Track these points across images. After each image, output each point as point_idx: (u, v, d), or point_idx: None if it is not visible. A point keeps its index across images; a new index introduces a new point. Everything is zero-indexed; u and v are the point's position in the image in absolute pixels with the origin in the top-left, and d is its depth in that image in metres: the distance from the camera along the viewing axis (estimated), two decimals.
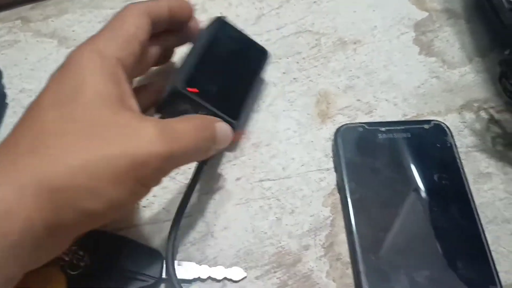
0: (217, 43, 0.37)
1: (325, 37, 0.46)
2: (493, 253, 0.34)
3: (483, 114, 0.42)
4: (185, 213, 0.33)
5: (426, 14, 0.49)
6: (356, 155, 0.38)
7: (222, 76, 0.37)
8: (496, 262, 0.34)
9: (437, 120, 0.40)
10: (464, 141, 0.40)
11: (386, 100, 0.42)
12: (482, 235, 0.34)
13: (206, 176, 0.37)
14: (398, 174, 0.37)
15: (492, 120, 0.41)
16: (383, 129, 0.39)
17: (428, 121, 0.40)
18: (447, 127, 0.39)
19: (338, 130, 0.39)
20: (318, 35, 0.46)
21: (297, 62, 0.44)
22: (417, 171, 0.37)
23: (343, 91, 0.43)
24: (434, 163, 0.37)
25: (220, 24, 0.38)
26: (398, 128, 0.39)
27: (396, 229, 0.34)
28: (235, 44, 0.38)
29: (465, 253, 0.33)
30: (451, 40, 0.47)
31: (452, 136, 0.39)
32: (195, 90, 0.34)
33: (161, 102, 0.35)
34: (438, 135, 0.39)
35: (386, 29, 0.47)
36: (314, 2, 0.49)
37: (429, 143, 0.38)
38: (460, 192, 0.36)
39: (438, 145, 0.38)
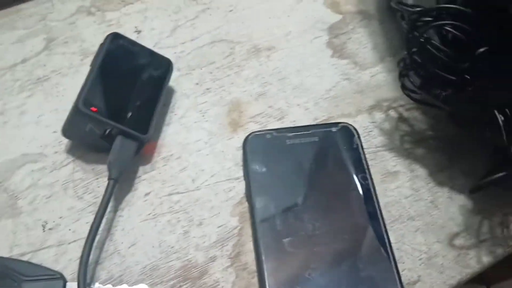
0: (113, 59, 0.37)
1: (240, 45, 0.47)
2: (397, 251, 0.35)
3: (392, 113, 0.42)
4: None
5: (340, 17, 0.49)
6: (264, 163, 0.38)
7: (123, 91, 0.37)
8: (400, 260, 0.35)
9: (344, 123, 0.40)
10: (373, 141, 0.41)
11: (298, 105, 0.43)
12: (385, 236, 0.35)
13: (115, 193, 0.37)
14: (304, 179, 0.37)
15: (401, 118, 0.42)
16: (290, 134, 0.39)
17: (335, 124, 0.40)
18: (354, 129, 0.40)
19: (246, 138, 0.39)
20: (232, 43, 0.47)
21: (211, 72, 0.45)
22: (324, 174, 0.37)
23: (256, 98, 0.43)
24: (340, 165, 0.38)
25: (115, 40, 0.38)
26: (306, 132, 0.39)
27: (300, 235, 0.34)
28: (133, 57, 0.38)
29: (368, 255, 0.34)
30: (364, 41, 0.47)
31: (359, 137, 0.39)
32: (95, 109, 0.34)
33: (65, 125, 0.35)
34: (345, 137, 0.39)
35: (300, 34, 0.48)
36: (230, 11, 0.49)
37: (336, 146, 0.39)
38: (365, 193, 0.36)
39: (345, 147, 0.39)
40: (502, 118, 0.32)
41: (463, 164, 0.39)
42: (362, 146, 0.39)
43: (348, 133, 0.40)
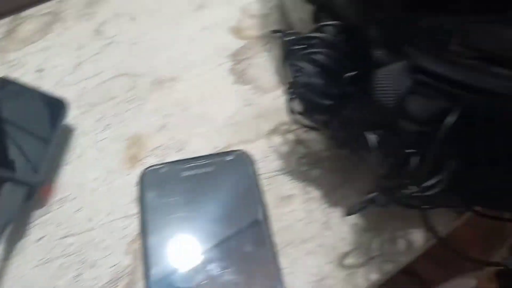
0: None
1: (143, 78, 0.47)
2: (290, 276, 0.35)
3: (290, 136, 0.43)
4: None
5: (243, 42, 0.50)
6: (159, 197, 0.38)
7: (9, 137, 0.37)
8: (291, 285, 0.35)
9: (239, 150, 0.40)
10: (270, 166, 0.41)
11: (199, 134, 0.43)
12: (274, 263, 0.35)
13: (7, 241, 0.36)
14: (198, 211, 0.37)
15: (298, 140, 0.42)
16: (185, 166, 0.40)
17: (231, 152, 0.41)
18: (250, 156, 0.40)
19: (142, 173, 0.39)
20: (135, 77, 0.47)
21: (112, 108, 0.45)
22: (218, 204, 0.38)
23: (157, 131, 0.43)
24: (234, 194, 0.38)
25: (2, 84, 0.37)
26: (201, 163, 0.40)
27: (190, 271, 0.34)
28: (21, 100, 0.38)
29: (259, 284, 0.34)
30: (266, 65, 0.48)
31: (253, 164, 0.40)
32: None
33: None
34: (240, 165, 0.40)
35: (203, 62, 0.48)
36: (134, 43, 0.50)
37: (231, 174, 0.39)
38: (256, 221, 0.37)
39: (239, 175, 0.39)
40: (375, 139, 0.32)
41: (357, 182, 0.40)
42: (256, 173, 0.39)
43: (243, 160, 0.40)
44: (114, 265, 0.36)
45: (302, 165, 0.41)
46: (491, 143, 0.30)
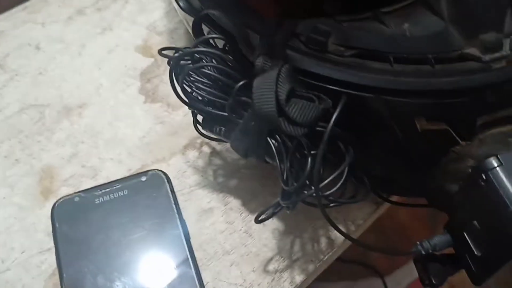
0: None
1: (50, 108, 0.46)
2: None
3: (205, 149, 0.43)
4: None
5: (152, 60, 0.50)
6: (73, 228, 0.37)
7: None
8: None
9: (154, 170, 0.40)
10: (187, 182, 0.41)
11: (111, 158, 0.42)
12: (197, 282, 0.35)
13: None
14: (115, 236, 0.37)
15: (213, 153, 0.42)
16: (99, 192, 0.39)
17: (145, 173, 0.40)
18: (164, 174, 0.40)
19: (53, 206, 0.38)
20: (42, 107, 0.46)
21: (20, 142, 0.43)
22: (135, 227, 0.37)
23: (68, 160, 0.42)
24: (151, 215, 0.38)
25: None
26: (114, 187, 0.39)
27: None
28: None
29: None
30: None
31: (169, 182, 0.40)
32: None
33: None
34: (155, 184, 0.40)
35: (112, 85, 0.48)
36: (39, 73, 0.49)
37: (146, 195, 0.39)
38: (175, 240, 0.36)
39: (155, 195, 0.39)
40: (276, 144, 0.33)
41: (275, 188, 0.40)
42: (173, 190, 0.39)
43: (157, 179, 0.40)
44: None
45: (219, 177, 0.41)
46: (378, 135, 0.31)
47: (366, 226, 0.40)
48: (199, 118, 0.37)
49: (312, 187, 0.30)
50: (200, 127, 0.37)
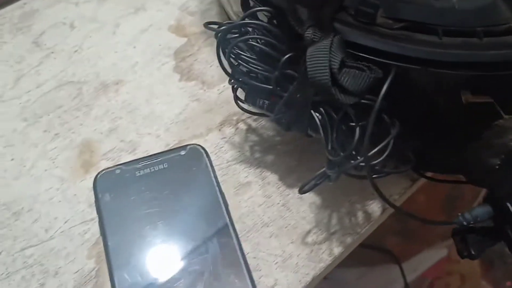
0: None
1: (87, 85, 0.46)
2: (254, 260, 0.36)
3: (241, 125, 0.44)
4: None
5: (185, 39, 0.50)
6: (116, 199, 0.38)
7: None
8: (257, 268, 0.36)
9: (192, 144, 0.41)
10: (224, 157, 0.42)
11: (149, 134, 0.43)
12: (238, 249, 0.36)
13: None
14: (157, 208, 0.38)
15: (249, 129, 0.43)
16: (140, 165, 0.40)
17: (184, 147, 0.41)
18: (203, 148, 0.41)
19: (95, 178, 0.39)
20: (79, 84, 0.47)
21: (59, 117, 0.44)
22: (176, 199, 0.38)
23: (106, 135, 0.43)
24: (191, 187, 0.39)
25: None
26: (155, 161, 0.40)
27: (155, 267, 0.35)
28: None
29: (224, 272, 0.35)
30: (209, 59, 0.49)
31: (207, 156, 0.40)
32: None
33: None
34: (194, 158, 0.40)
35: (147, 63, 0.48)
36: (75, 51, 0.49)
37: (186, 169, 0.40)
38: (216, 211, 0.37)
39: (195, 168, 0.40)
40: (320, 116, 0.33)
41: (311, 163, 0.41)
42: (211, 164, 0.40)
43: (196, 154, 0.40)
44: (78, 271, 0.36)
45: (255, 152, 0.42)
46: (423, 108, 0.32)
47: (401, 201, 0.40)
48: (239, 94, 0.38)
49: (358, 157, 0.31)
50: (240, 102, 0.38)
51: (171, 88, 0.46)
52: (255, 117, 0.44)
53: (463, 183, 0.36)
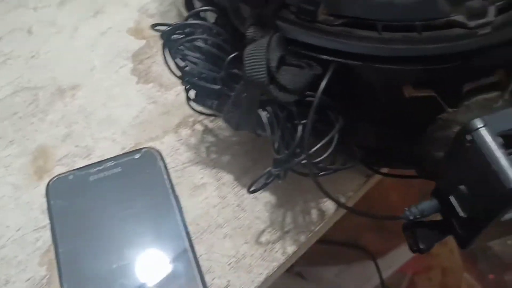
0: None
1: (43, 90, 0.46)
2: (207, 262, 0.36)
3: (198, 127, 0.43)
4: None
5: (144, 42, 0.50)
6: (68, 205, 0.38)
7: None
8: (210, 270, 0.36)
9: (147, 147, 0.41)
10: (180, 159, 0.41)
11: (105, 138, 0.43)
12: (190, 253, 0.35)
13: None
14: (109, 213, 0.37)
15: (206, 130, 0.43)
16: (93, 170, 0.39)
17: (138, 150, 0.41)
18: (157, 151, 0.40)
19: (48, 184, 0.39)
20: (35, 90, 0.46)
21: (14, 124, 0.44)
22: (129, 203, 0.38)
23: (62, 141, 0.43)
24: (145, 191, 0.38)
25: None
26: (108, 165, 0.40)
27: (106, 275, 0.34)
28: None
29: (176, 276, 0.34)
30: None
31: (162, 159, 0.40)
32: None
33: None
34: (148, 161, 0.40)
35: (105, 66, 0.48)
36: (32, 56, 0.49)
37: (139, 172, 0.39)
38: (169, 215, 0.37)
39: (148, 172, 0.39)
40: (267, 115, 0.33)
41: (266, 161, 0.40)
42: (166, 167, 0.40)
43: (150, 157, 0.40)
44: (29, 279, 0.36)
45: (211, 153, 0.42)
46: (367, 103, 0.32)
47: (356, 198, 0.40)
48: (191, 95, 0.37)
49: (302, 155, 0.31)
50: (193, 104, 0.37)
51: (128, 91, 0.46)
52: (212, 118, 0.44)
53: (414, 178, 0.36)
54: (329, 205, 0.39)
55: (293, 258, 0.37)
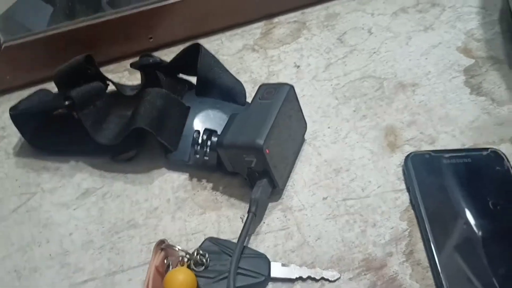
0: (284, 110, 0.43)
1: (387, 81, 0.54)
2: None
3: None
4: (283, 226, 0.41)
5: (472, 61, 0.56)
6: (425, 177, 0.44)
7: (285, 143, 0.44)
8: None
9: (493, 148, 0.46)
10: None
11: (445, 132, 0.49)
12: None
13: (299, 195, 0.44)
14: (462, 192, 0.43)
15: None
16: (446, 155, 0.46)
17: (486, 149, 0.46)
18: (503, 154, 0.46)
19: (407, 156, 0.46)
20: (380, 79, 0.54)
21: (365, 102, 0.52)
22: (479, 190, 0.43)
23: (407, 125, 0.50)
24: (493, 185, 0.44)
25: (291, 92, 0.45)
26: (459, 154, 0.46)
27: (466, 237, 0.40)
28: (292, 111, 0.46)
29: None
30: (498, 82, 0.54)
31: (508, 161, 0.45)
32: (268, 151, 0.40)
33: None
34: (495, 160, 0.45)
35: (439, 73, 0.55)
36: (374, 52, 0.57)
37: (487, 167, 0.45)
38: None
39: (496, 169, 0.45)
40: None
41: None
42: (511, 168, 0.45)
43: (497, 157, 0.46)
44: (393, 227, 0.42)
45: None
46: None
47: None
48: None
49: None
50: None
51: (462, 99, 0.52)
52: None
53: None
54: None
55: None
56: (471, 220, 0.41)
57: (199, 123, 0.46)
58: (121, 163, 0.47)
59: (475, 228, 0.40)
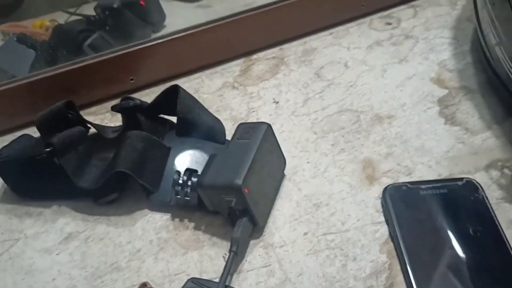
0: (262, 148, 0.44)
1: (364, 114, 0.56)
2: None
3: (506, 171, 0.49)
4: (264, 264, 0.42)
5: (446, 91, 0.58)
6: (403, 209, 0.45)
7: (265, 183, 0.45)
8: None
9: (468, 178, 0.47)
10: (493, 194, 0.47)
11: (422, 163, 0.50)
12: None
13: (280, 231, 0.44)
14: (440, 224, 0.44)
15: None
16: (423, 186, 0.47)
17: (460, 179, 0.47)
18: (478, 183, 0.47)
19: (385, 189, 0.47)
20: (357, 112, 0.56)
21: (343, 136, 0.53)
22: (456, 221, 0.44)
23: (384, 157, 0.51)
24: (470, 216, 0.45)
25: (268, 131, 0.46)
26: (436, 185, 0.47)
27: (447, 266, 0.41)
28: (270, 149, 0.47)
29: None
30: (471, 111, 0.55)
31: (483, 190, 0.46)
32: (247, 191, 0.41)
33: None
34: (470, 190, 0.46)
35: (414, 105, 0.56)
36: (351, 85, 0.59)
37: (464, 197, 0.46)
38: (497, 237, 0.43)
39: (472, 198, 0.46)
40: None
41: None
42: (487, 197, 0.46)
43: (472, 186, 0.47)
44: (373, 261, 0.43)
45: None
46: None
47: None
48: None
49: None
50: None
51: (437, 129, 0.54)
52: None
53: None
54: None
55: None
56: (450, 250, 0.42)
57: (180, 163, 0.47)
58: (103, 205, 0.47)
59: (454, 257, 0.41)
